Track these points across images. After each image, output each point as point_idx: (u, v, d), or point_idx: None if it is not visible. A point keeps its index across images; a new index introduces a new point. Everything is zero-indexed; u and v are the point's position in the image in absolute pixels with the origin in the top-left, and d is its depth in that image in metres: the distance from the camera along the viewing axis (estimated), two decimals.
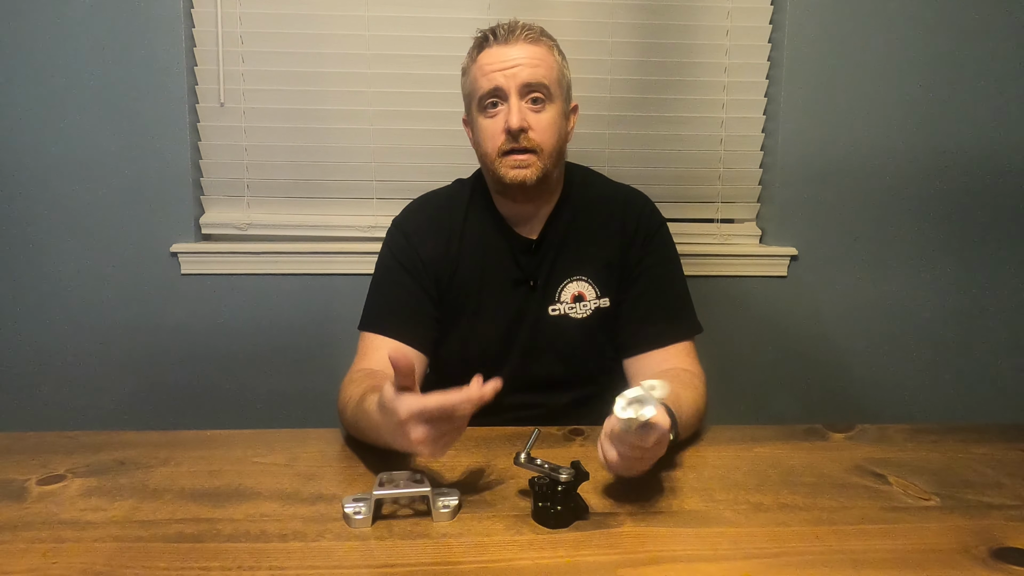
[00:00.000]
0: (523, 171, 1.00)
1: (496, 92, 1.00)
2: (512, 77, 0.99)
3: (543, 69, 1.01)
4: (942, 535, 0.70)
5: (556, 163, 1.05)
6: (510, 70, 0.99)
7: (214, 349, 1.59)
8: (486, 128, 1.03)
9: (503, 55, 1.00)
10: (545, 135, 1.01)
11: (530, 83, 1.00)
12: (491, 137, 1.02)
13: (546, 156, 1.01)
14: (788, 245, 1.64)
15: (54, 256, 1.55)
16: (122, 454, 0.87)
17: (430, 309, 1.07)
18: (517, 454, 0.74)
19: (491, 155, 1.02)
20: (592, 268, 1.09)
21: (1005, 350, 1.72)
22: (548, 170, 1.02)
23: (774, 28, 1.63)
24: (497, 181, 1.04)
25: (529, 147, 1.00)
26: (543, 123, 1.01)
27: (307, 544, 0.67)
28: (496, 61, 1.00)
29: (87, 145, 1.52)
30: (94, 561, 0.63)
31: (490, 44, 1.02)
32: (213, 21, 1.54)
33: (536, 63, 1.01)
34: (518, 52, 1.00)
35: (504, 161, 1.01)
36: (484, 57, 1.02)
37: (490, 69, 1.00)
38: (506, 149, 1.01)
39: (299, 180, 1.61)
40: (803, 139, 1.62)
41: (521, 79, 0.99)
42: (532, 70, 1.00)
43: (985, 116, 1.63)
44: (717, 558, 0.65)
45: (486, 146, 1.03)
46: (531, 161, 1.00)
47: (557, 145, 1.03)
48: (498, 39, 1.01)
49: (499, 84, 1.00)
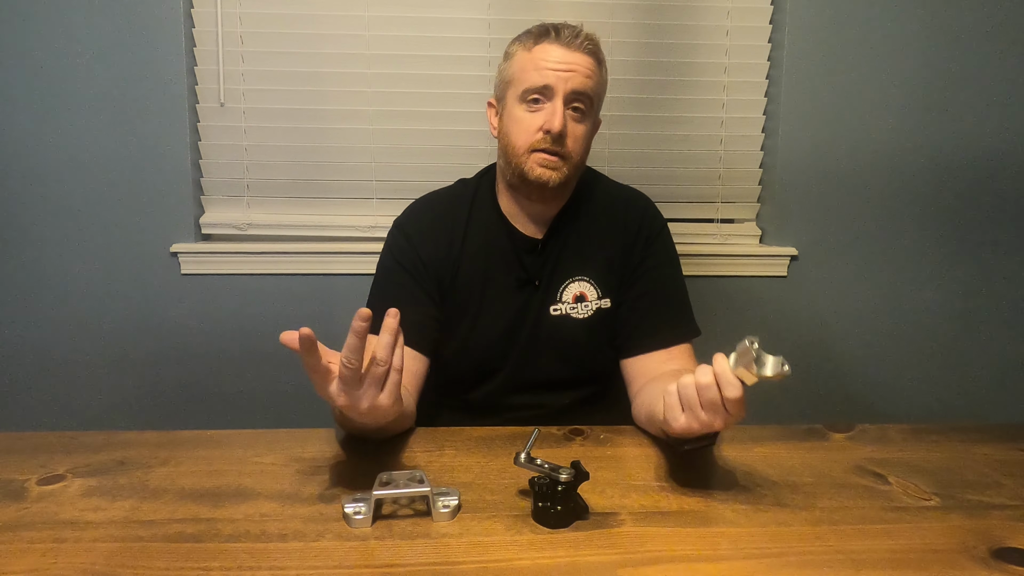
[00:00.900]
0: (550, 172, 1.00)
1: (544, 90, 1.00)
2: (565, 81, 0.99)
3: (593, 82, 1.02)
4: (942, 535, 0.70)
5: (577, 173, 1.06)
6: (565, 73, 0.99)
7: (214, 349, 1.59)
8: (522, 120, 1.02)
9: (562, 56, 1.00)
10: (578, 144, 1.02)
11: (580, 92, 1.00)
12: (526, 131, 1.01)
13: (573, 164, 1.02)
14: (788, 245, 1.64)
15: (54, 256, 1.55)
16: (122, 454, 0.87)
17: (431, 310, 1.07)
18: (517, 454, 0.74)
19: (520, 148, 1.02)
20: (594, 268, 1.09)
21: (1005, 350, 1.72)
22: (571, 178, 1.03)
23: (774, 28, 1.63)
24: (518, 175, 1.03)
25: (562, 152, 1.00)
26: (579, 133, 1.02)
27: (307, 544, 0.66)
28: (554, 60, 1.00)
29: (87, 145, 1.52)
30: (94, 561, 0.63)
31: (551, 40, 1.01)
32: (213, 21, 1.54)
33: (589, 74, 1.01)
34: (576, 58, 1.00)
35: (533, 157, 1.01)
36: (541, 51, 1.01)
37: (545, 65, 1.00)
38: (539, 147, 1.00)
39: (299, 180, 1.61)
40: (803, 139, 1.62)
41: (572, 85, 0.99)
42: (584, 80, 1.00)
43: (985, 116, 1.63)
44: (717, 558, 0.65)
45: (517, 138, 1.02)
46: (560, 165, 1.01)
47: (585, 157, 1.05)
48: (561, 38, 1.01)
49: (551, 83, 0.99)
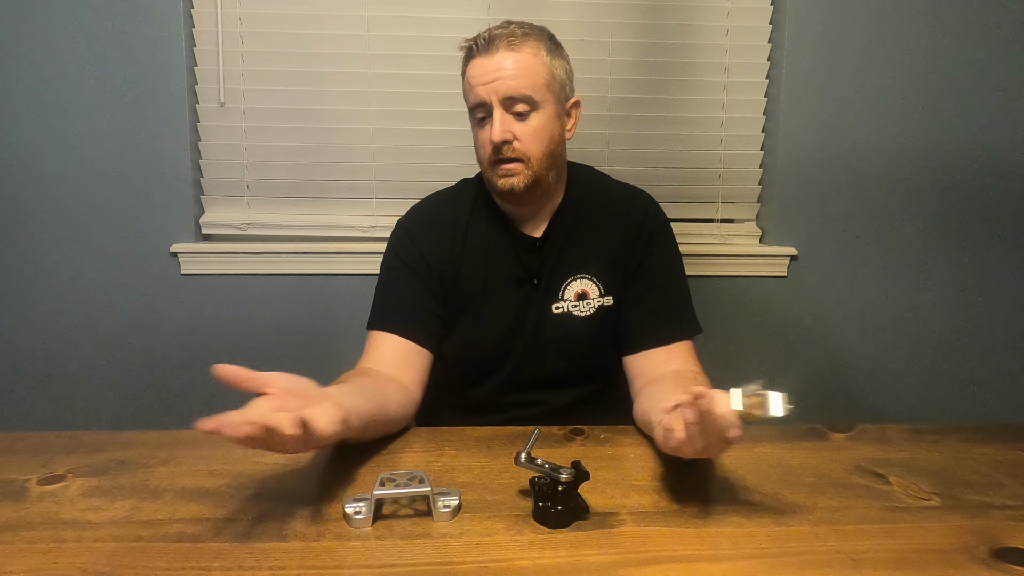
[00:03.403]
0: (511, 179, 1.02)
1: (481, 106, 1.01)
2: (493, 91, 0.99)
3: (525, 79, 0.99)
4: (942, 535, 0.70)
5: (549, 166, 1.04)
6: (491, 84, 0.99)
7: (214, 349, 1.59)
8: (477, 138, 1.06)
9: (484, 67, 1.00)
10: (531, 143, 1.01)
11: (511, 96, 0.99)
12: (482, 147, 1.04)
13: (535, 163, 1.02)
14: (788, 245, 1.64)
15: (54, 256, 1.55)
16: (122, 454, 0.87)
17: (435, 307, 1.08)
18: (517, 454, 0.74)
19: (484, 164, 1.05)
20: (596, 266, 1.09)
21: (1005, 350, 1.72)
22: (540, 175, 1.03)
23: (774, 28, 1.63)
24: (492, 188, 1.06)
25: (515, 156, 1.01)
26: (528, 132, 1.01)
27: (307, 544, 0.66)
28: (479, 74, 1.00)
29: (87, 145, 1.52)
30: (94, 561, 0.63)
31: (474, 55, 1.02)
32: (213, 21, 1.54)
33: (517, 73, 0.99)
34: (499, 63, 0.99)
35: (494, 171, 1.03)
36: (470, 69, 1.02)
37: (475, 83, 1.01)
38: (494, 159, 1.02)
39: (299, 180, 1.61)
40: (803, 139, 1.62)
41: (502, 92, 0.99)
42: (513, 82, 0.98)
43: (985, 116, 1.63)
44: (717, 558, 0.65)
45: (479, 155, 1.06)
46: (518, 170, 1.01)
47: (547, 150, 1.03)
48: (479, 50, 1.01)
49: (482, 99, 1.00)
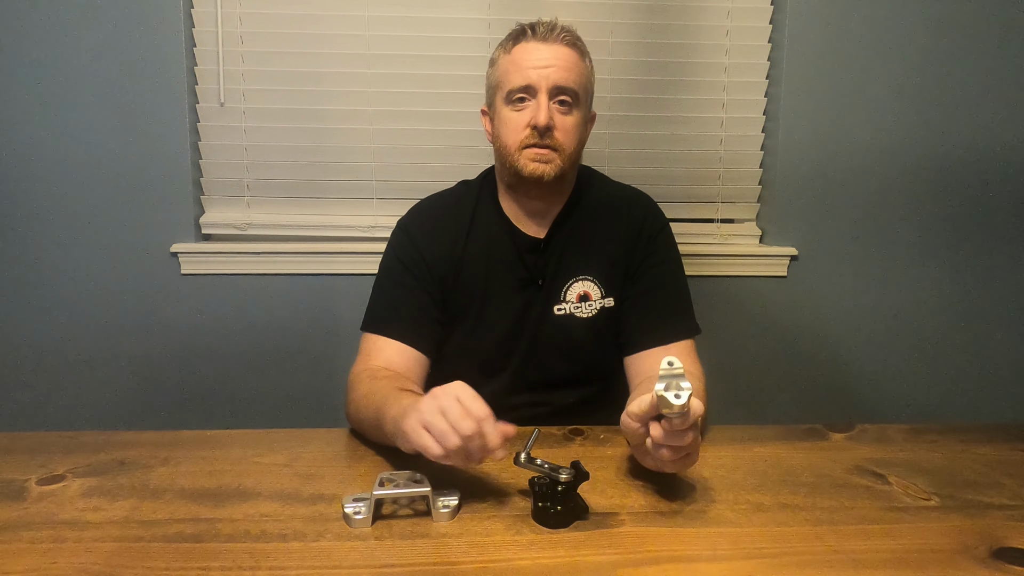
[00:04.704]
0: (543, 166, 1.01)
1: (527, 89, 1.01)
2: (545, 77, 1.00)
3: (575, 74, 1.02)
4: (942, 535, 0.70)
5: (573, 166, 1.06)
6: (544, 69, 1.00)
7: (214, 349, 1.59)
8: (510, 120, 1.03)
9: (539, 53, 1.01)
10: (568, 137, 1.02)
11: (562, 86, 1.00)
12: (515, 130, 1.02)
13: (566, 157, 1.02)
14: (788, 245, 1.64)
15: (54, 256, 1.55)
16: (122, 454, 0.87)
17: (433, 311, 1.07)
18: (517, 454, 0.74)
19: (512, 147, 1.03)
20: (597, 268, 1.09)
21: (1005, 350, 1.72)
22: (566, 170, 1.03)
23: (774, 28, 1.63)
24: (514, 174, 1.04)
25: (552, 145, 1.01)
26: (568, 125, 1.02)
27: (307, 544, 0.67)
28: (532, 57, 1.01)
29: (87, 145, 1.52)
30: (94, 561, 0.63)
31: (527, 39, 1.02)
32: (213, 21, 1.54)
33: (570, 67, 1.01)
34: (554, 52, 1.01)
35: (525, 154, 1.01)
36: (520, 51, 1.02)
37: (525, 64, 1.01)
38: (529, 143, 1.01)
39: (299, 180, 1.61)
40: (803, 139, 1.62)
41: (553, 80, 1.00)
42: (566, 73, 1.01)
43: (985, 116, 1.63)
44: (717, 558, 0.65)
45: (508, 138, 1.03)
46: (552, 157, 1.01)
47: (577, 148, 1.05)
48: (536, 35, 1.02)
49: (531, 81, 1.00)
